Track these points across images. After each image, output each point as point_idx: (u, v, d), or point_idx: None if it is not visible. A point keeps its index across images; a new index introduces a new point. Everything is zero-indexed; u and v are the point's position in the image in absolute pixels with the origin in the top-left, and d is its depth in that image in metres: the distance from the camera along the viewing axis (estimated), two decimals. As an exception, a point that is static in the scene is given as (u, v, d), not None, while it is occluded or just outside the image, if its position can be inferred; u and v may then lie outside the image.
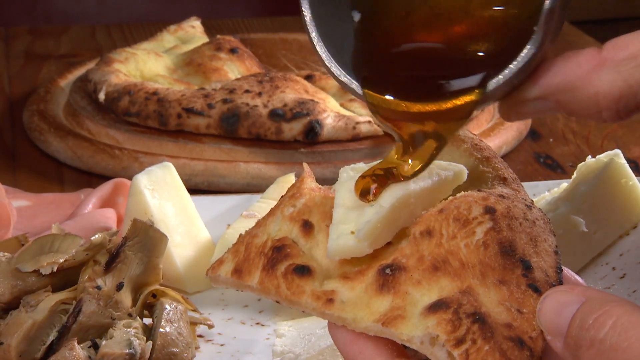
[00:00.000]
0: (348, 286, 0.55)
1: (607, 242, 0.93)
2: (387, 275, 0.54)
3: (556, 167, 1.27)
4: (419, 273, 0.54)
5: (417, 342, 0.51)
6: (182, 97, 1.23)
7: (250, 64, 1.40)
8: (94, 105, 1.30)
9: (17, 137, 1.31)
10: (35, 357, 0.75)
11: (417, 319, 0.52)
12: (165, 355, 0.77)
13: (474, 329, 0.50)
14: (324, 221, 0.57)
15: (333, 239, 0.54)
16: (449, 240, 0.54)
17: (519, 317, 0.52)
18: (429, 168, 0.57)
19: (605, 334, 0.47)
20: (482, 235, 0.55)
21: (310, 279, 0.55)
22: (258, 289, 0.56)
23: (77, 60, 1.55)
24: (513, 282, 0.53)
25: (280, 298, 0.55)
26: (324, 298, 0.54)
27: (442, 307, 0.51)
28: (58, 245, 0.78)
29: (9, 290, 0.77)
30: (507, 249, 0.54)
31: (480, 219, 0.55)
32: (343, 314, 0.54)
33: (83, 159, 1.21)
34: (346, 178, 0.57)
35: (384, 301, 0.53)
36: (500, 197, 0.57)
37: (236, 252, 0.58)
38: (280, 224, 0.58)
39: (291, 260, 0.56)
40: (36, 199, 1.05)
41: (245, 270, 0.57)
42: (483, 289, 0.53)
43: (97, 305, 0.76)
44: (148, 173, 0.95)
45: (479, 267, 0.53)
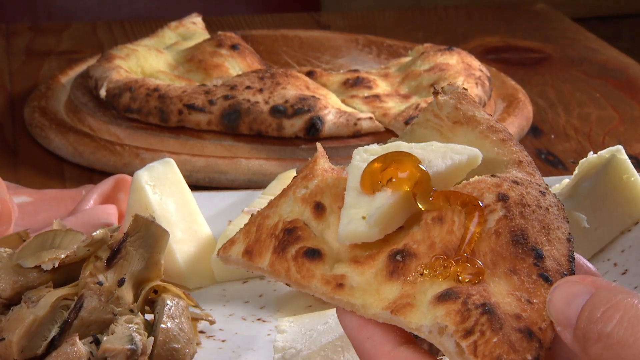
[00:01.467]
0: (358, 271, 0.54)
1: (609, 238, 0.93)
2: (398, 261, 0.54)
3: (557, 164, 1.27)
4: (430, 260, 0.53)
5: (425, 331, 0.51)
6: (183, 93, 1.23)
7: (251, 60, 1.39)
8: (95, 101, 1.30)
9: (18, 133, 1.31)
10: (36, 352, 0.75)
11: (426, 308, 0.52)
12: (166, 350, 0.77)
13: (483, 320, 0.50)
14: (336, 203, 0.57)
15: (344, 223, 0.54)
16: (461, 228, 0.54)
17: (528, 307, 0.52)
18: (443, 152, 0.57)
19: (612, 328, 0.47)
20: (494, 224, 0.54)
21: (320, 262, 0.55)
22: (268, 270, 0.56)
23: (78, 57, 1.55)
24: (524, 272, 0.53)
25: (290, 281, 0.55)
26: (333, 283, 0.54)
27: (452, 297, 0.51)
28: (59, 241, 0.78)
29: (11, 286, 0.77)
30: (519, 237, 0.54)
31: (493, 207, 0.55)
32: (352, 300, 0.53)
33: (84, 155, 1.21)
34: (359, 160, 0.57)
35: (393, 288, 0.53)
36: (514, 183, 0.57)
37: (248, 233, 0.58)
38: (292, 205, 0.58)
39: (302, 243, 0.56)
40: (37, 195, 1.05)
41: (256, 252, 0.57)
42: (494, 278, 0.53)
43: (99, 300, 0.76)
44: (149, 169, 0.95)
45: (490, 256, 0.53)
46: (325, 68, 1.44)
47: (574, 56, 1.68)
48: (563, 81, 1.57)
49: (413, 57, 1.40)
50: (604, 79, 1.58)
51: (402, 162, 0.56)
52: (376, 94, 1.29)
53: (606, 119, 1.42)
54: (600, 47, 1.74)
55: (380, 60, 1.54)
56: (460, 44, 1.58)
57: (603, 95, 1.51)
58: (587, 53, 1.70)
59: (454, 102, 0.63)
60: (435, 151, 0.57)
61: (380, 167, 0.56)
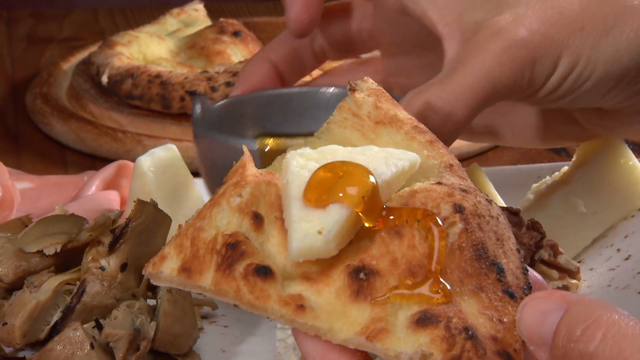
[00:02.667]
0: (313, 289, 0.51)
1: (608, 223, 0.92)
2: (362, 280, 0.50)
3: (560, 150, 1.27)
4: (395, 278, 0.50)
5: (405, 358, 0.48)
6: (185, 80, 1.23)
7: (253, 47, 1.39)
8: (97, 88, 1.30)
9: (20, 120, 1.31)
10: (39, 337, 0.75)
11: (403, 333, 0.49)
12: (169, 335, 0.77)
13: (468, 346, 0.48)
14: (273, 213, 0.53)
15: (298, 239, 0.50)
16: (422, 242, 0.51)
17: (501, 327, 0.50)
18: (384, 157, 0.54)
19: (595, 348, 0.45)
20: (456, 238, 0.52)
21: (273, 281, 0.50)
22: (212, 290, 0.51)
23: (79, 44, 1.55)
24: (490, 289, 0.51)
25: (240, 302, 0.50)
26: (293, 304, 0.50)
27: (432, 322, 0.48)
28: (62, 226, 0.78)
29: (13, 271, 0.77)
30: (480, 251, 0.52)
31: (452, 219, 0.52)
32: (317, 323, 0.49)
33: (86, 142, 1.21)
34: (297, 166, 0.53)
35: (361, 310, 0.50)
36: (463, 191, 0.54)
37: (180, 247, 0.52)
38: (228, 217, 0.52)
39: (249, 260, 0.51)
40: (39, 181, 1.05)
41: (195, 269, 0.51)
42: (463, 297, 0.50)
43: (101, 285, 0.76)
44: (151, 155, 0.94)
45: (457, 273, 0.51)
46: (328, 55, 1.43)
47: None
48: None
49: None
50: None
51: (353, 174, 0.52)
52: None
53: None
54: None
55: (383, 47, 1.53)
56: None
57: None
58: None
59: (373, 100, 0.59)
60: (375, 157, 0.54)
61: (329, 178, 0.52)
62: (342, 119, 0.59)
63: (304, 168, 0.53)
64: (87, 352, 0.72)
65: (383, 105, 0.59)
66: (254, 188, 0.53)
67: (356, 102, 0.59)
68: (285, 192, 0.53)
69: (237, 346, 0.83)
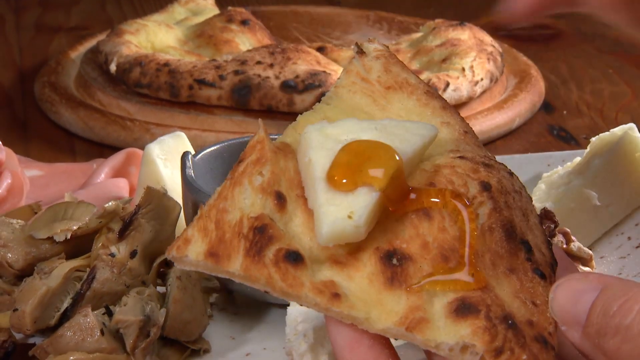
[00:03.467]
0: (344, 275, 0.50)
1: (620, 216, 0.92)
2: (395, 266, 0.49)
3: (570, 139, 1.26)
4: (428, 263, 0.50)
5: (445, 348, 0.48)
6: (194, 68, 1.22)
7: (261, 35, 1.39)
8: (105, 76, 1.30)
9: (29, 108, 1.31)
10: (49, 323, 0.75)
11: (443, 323, 0.48)
12: (178, 322, 0.77)
13: (509, 336, 0.48)
14: (294, 191, 0.51)
15: (328, 224, 0.49)
16: (452, 225, 0.50)
17: (535, 311, 0.49)
18: (402, 132, 0.53)
19: (631, 320, 0.46)
20: (485, 219, 0.51)
21: (304, 267, 0.49)
22: (242, 276, 0.49)
23: (87, 33, 1.55)
24: (520, 270, 0.51)
25: (272, 289, 0.49)
26: (327, 292, 0.49)
27: (472, 311, 0.48)
28: (71, 212, 0.78)
29: (23, 257, 0.77)
30: (509, 231, 0.51)
31: (480, 198, 0.52)
32: (353, 312, 0.49)
33: (94, 130, 1.21)
34: (318, 144, 0.51)
35: (396, 298, 0.49)
36: (486, 166, 0.53)
37: (205, 230, 0.50)
38: (251, 197, 0.51)
39: (278, 244, 0.49)
40: (49, 169, 1.05)
41: (222, 254, 0.49)
42: (496, 281, 0.50)
43: (111, 272, 0.76)
44: (160, 142, 0.94)
45: (489, 256, 0.50)
46: (336, 44, 1.43)
47: (586, 32, 1.67)
48: (575, 57, 1.56)
49: (424, 33, 1.38)
50: (616, 55, 1.57)
51: (378, 155, 0.51)
52: (387, 69, 1.28)
53: (619, 94, 1.41)
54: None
55: (391, 36, 1.53)
56: (472, 19, 1.56)
57: (616, 71, 1.49)
58: (600, 29, 1.69)
59: (382, 63, 0.58)
60: (394, 132, 0.53)
61: (354, 160, 0.50)
62: (350, 83, 0.58)
63: (324, 145, 0.51)
64: (97, 338, 0.72)
65: (393, 69, 0.58)
66: (274, 165, 0.52)
67: (364, 66, 0.58)
68: (307, 170, 0.51)
69: (247, 333, 0.83)
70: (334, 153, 0.51)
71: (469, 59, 1.26)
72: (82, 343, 0.72)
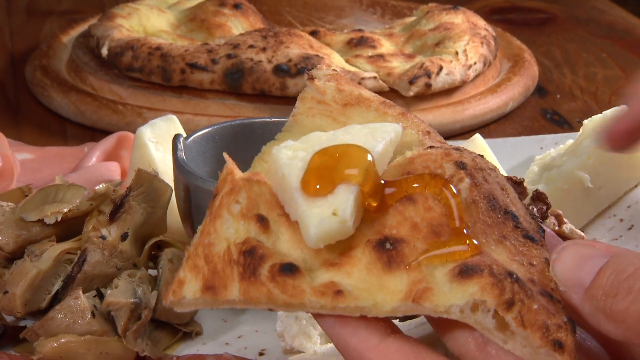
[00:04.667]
0: (342, 273, 0.50)
1: (613, 199, 0.92)
2: (389, 250, 0.50)
3: (563, 123, 1.26)
4: (421, 241, 0.50)
5: (455, 311, 0.48)
6: (186, 52, 1.22)
7: (254, 20, 1.38)
8: (97, 60, 1.29)
9: (20, 92, 1.31)
10: (40, 306, 0.75)
11: (448, 288, 0.49)
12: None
13: (517, 289, 0.48)
14: (274, 211, 0.52)
15: (314, 225, 0.49)
16: (437, 203, 0.51)
17: (534, 270, 0.50)
18: (368, 133, 0.54)
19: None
20: (467, 193, 0.52)
21: (300, 275, 0.50)
22: (242, 301, 0.50)
23: (79, 17, 1.54)
24: (511, 236, 0.52)
25: (274, 305, 0.50)
26: (329, 292, 0.49)
27: (475, 271, 0.48)
28: (62, 195, 0.78)
29: (13, 240, 0.77)
30: (493, 202, 0.52)
31: (458, 176, 0.53)
32: (360, 303, 0.49)
33: (86, 114, 1.20)
34: (288, 158, 0.52)
35: (398, 278, 0.50)
36: (457, 150, 0.55)
37: (196, 268, 0.51)
38: (234, 226, 0.52)
39: (270, 261, 0.50)
40: (40, 152, 1.04)
41: (218, 285, 0.50)
42: (491, 248, 0.51)
43: (102, 255, 0.76)
44: (152, 126, 0.94)
45: (478, 226, 0.51)
46: (329, 28, 1.42)
47: (580, 16, 1.67)
48: (569, 41, 1.55)
49: (418, 17, 1.38)
50: (610, 39, 1.56)
51: (349, 153, 0.52)
52: (380, 53, 1.28)
53: (613, 78, 1.40)
54: (607, 8, 1.72)
55: (385, 20, 1.52)
56: (466, 4, 1.56)
57: (610, 56, 1.49)
58: (594, 13, 1.68)
59: (335, 85, 0.60)
60: (360, 134, 0.54)
61: (327, 163, 0.51)
62: (307, 109, 0.59)
63: (295, 158, 0.52)
64: (88, 321, 0.72)
65: (346, 87, 0.60)
66: (249, 191, 0.53)
67: (318, 89, 0.59)
68: (282, 185, 0.52)
69: (239, 316, 0.83)
70: (306, 163, 0.52)
71: (463, 43, 1.26)
72: (73, 325, 0.72)
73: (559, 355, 0.47)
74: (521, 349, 0.48)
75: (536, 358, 0.48)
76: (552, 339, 0.48)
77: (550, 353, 0.48)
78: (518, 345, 0.48)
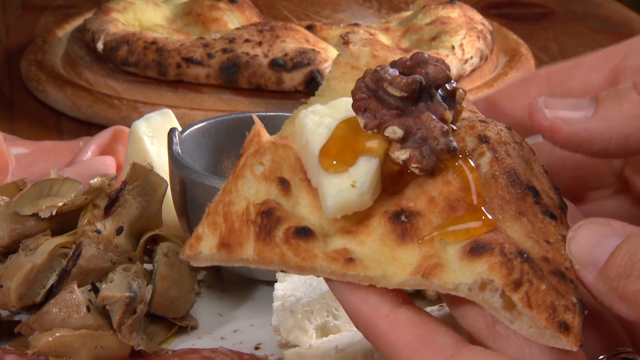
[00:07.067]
0: (356, 241, 0.51)
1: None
2: (404, 222, 0.50)
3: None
4: (437, 216, 0.50)
5: (464, 289, 0.48)
6: (182, 46, 1.21)
7: (250, 14, 1.38)
8: (93, 55, 1.29)
9: (15, 86, 1.30)
10: (35, 300, 0.75)
11: (458, 265, 0.49)
12: (165, 299, 0.77)
13: (526, 268, 0.48)
14: (297, 175, 0.52)
15: (332, 195, 0.50)
16: (455, 177, 0.51)
17: (549, 248, 0.50)
18: None
19: None
20: (488, 167, 0.52)
21: (315, 240, 0.50)
22: (256, 260, 0.50)
23: (74, 11, 1.53)
24: (530, 212, 0.51)
25: (287, 266, 0.50)
26: (341, 259, 0.50)
27: (486, 250, 0.48)
28: (57, 189, 0.78)
29: (8, 234, 0.76)
30: (513, 177, 0.52)
31: (479, 150, 0.53)
32: (369, 272, 0.49)
33: (82, 108, 1.20)
34: (313, 124, 0.52)
35: (410, 251, 0.50)
36: (482, 122, 0.55)
37: (214, 225, 0.51)
38: (255, 186, 0.52)
39: (286, 224, 0.50)
40: (35, 147, 1.04)
41: (234, 243, 0.51)
42: (507, 224, 0.51)
43: (97, 249, 0.76)
44: (147, 120, 0.94)
45: (496, 201, 0.51)
46: (325, 23, 1.42)
47: (577, 11, 1.66)
48: (566, 36, 1.55)
49: (414, 11, 1.38)
50: (607, 34, 1.56)
51: None
52: (377, 47, 1.28)
53: (609, 73, 1.40)
54: (603, 2, 1.72)
55: (381, 15, 1.52)
56: (462, -2, 1.56)
57: (606, 50, 1.49)
58: (591, 7, 1.68)
59: (369, 50, 0.59)
60: None
61: (348, 134, 0.51)
62: (341, 74, 0.58)
63: (320, 125, 0.52)
64: (84, 315, 0.72)
65: (380, 53, 0.59)
66: (274, 154, 0.53)
67: (352, 54, 0.59)
68: (306, 151, 0.52)
69: (234, 310, 0.83)
70: (331, 130, 0.52)
71: (459, 37, 1.26)
72: (68, 320, 0.72)
73: (564, 337, 0.47)
74: (527, 329, 0.48)
75: (542, 339, 0.48)
76: (558, 321, 0.47)
77: (556, 334, 0.47)
78: (524, 325, 0.48)
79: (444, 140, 0.50)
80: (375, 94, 0.52)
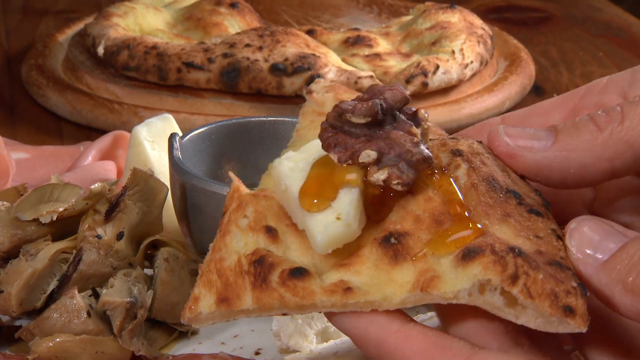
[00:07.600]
0: (352, 272, 0.51)
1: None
2: (394, 244, 0.51)
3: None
4: (425, 232, 0.51)
5: (464, 295, 0.48)
6: (182, 51, 1.22)
7: (250, 19, 1.38)
8: (93, 60, 1.29)
9: (16, 91, 1.30)
10: (35, 305, 0.75)
11: (453, 274, 0.49)
12: (166, 304, 0.77)
13: (520, 262, 0.48)
14: (282, 222, 0.53)
15: (320, 231, 0.51)
16: (436, 193, 0.52)
17: (541, 242, 0.50)
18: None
19: None
20: (466, 178, 0.53)
21: (311, 278, 0.51)
22: (256, 309, 0.51)
23: (75, 16, 1.53)
24: (515, 213, 0.52)
25: (288, 308, 0.51)
26: (339, 290, 0.50)
27: (477, 252, 0.49)
28: (57, 194, 0.78)
29: (9, 239, 0.76)
30: (492, 183, 0.53)
31: (455, 163, 0.54)
32: (370, 297, 0.50)
33: (82, 113, 1.20)
34: (288, 170, 0.53)
35: (405, 270, 0.50)
36: (453, 139, 0.56)
37: (209, 283, 0.52)
38: (243, 239, 0.53)
39: (280, 268, 0.51)
40: (35, 152, 1.04)
41: (232, 296, 0.51)
42: (494, 227, 0.51)
43: (98, 254, 0.76)
44: (148, 124, 0.94)
45: (480, 208, 0.52)
46: (326, 27, 1.42)
47: (577, 15, 1.67)
48: (566, 40, 1.55)
49: (414, 16, 1.38)
50: (607, 38, 1.56)
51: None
52: (377, 52, 1.28)
53: (609, 78, 1.40)
54: (603, 6, 1.72)
55: (381, 19, 1.52)
56: (462, 3, 1.56)
57: (606, 54, 1.49)
58: (591, 12, 1.68)
59: (333, 95, 0.61)
60: None
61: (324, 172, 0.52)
62: (309, 122, 0.60)
63: (295, 169, 0.53)
64: (84, 320, 0.72)
65: (344, 96, 0.61)
66: (256, 205, 0.54)
67: (317, 101, 0.61)
68: (286, 197, 0.53)
69: (235, 315, 0.83)
70: (306, 172, 0.53)
71: (459, 42, 1.26)
72: (68, 325, 0.72)
73: (571, 320, 0.47)
74: (534, 321, 0.48)
75: (550, 327, 0.48)
76: (561, 305, 0.47)
77: (562, 319, 0.47)
78: (531, 317, 0.48)
79: (417, 150, 0.51)
80: (341, 129, 0.53)
